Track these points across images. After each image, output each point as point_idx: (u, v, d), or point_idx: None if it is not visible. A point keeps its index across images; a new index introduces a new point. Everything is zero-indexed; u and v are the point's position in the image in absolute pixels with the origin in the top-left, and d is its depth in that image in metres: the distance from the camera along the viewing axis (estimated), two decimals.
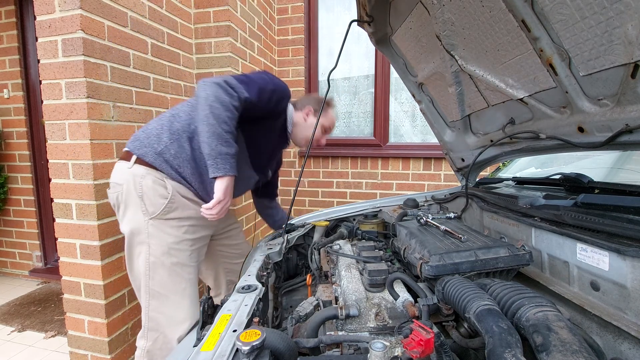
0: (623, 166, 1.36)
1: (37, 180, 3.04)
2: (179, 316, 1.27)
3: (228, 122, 1.17)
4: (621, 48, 0.68)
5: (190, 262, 1.32)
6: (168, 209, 1.25)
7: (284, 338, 0.64)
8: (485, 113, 1.24)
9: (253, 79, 1.29)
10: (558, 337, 0.54)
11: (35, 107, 2.95)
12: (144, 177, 1.22)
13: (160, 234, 1.24)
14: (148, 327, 1.28)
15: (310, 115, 1.54)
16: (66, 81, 1.52)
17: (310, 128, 1.51)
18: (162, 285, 1.26)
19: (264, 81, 1.31)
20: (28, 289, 2.93)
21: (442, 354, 0.62)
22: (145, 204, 1.23)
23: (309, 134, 1.51)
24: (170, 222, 1.26)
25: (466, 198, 1.34)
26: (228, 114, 1.17)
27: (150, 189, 1.22)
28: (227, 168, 1.18)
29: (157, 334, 1.28)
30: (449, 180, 2.93)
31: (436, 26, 1.08)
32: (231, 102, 1.18)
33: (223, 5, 2.27)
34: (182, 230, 1.28)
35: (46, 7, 1.49)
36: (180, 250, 1.28)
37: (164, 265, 1.25)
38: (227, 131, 1.17)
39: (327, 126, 1.58)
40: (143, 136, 1.28)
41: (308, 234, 1.54)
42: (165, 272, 1.26)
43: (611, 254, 0.72)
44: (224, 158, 1.17)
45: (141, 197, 1.22)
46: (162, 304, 1.27)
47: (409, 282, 0.86)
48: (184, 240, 1.29)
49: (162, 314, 1.27)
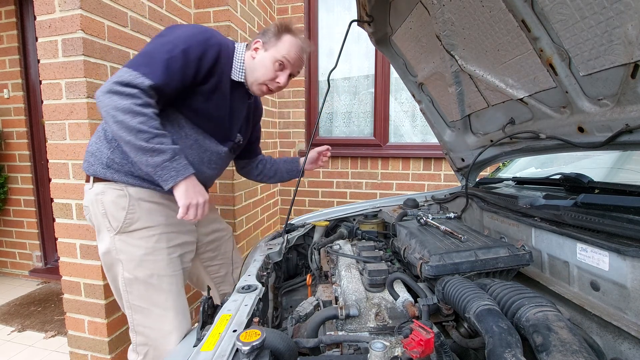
0: (623, 166, 1.36)
1: (37, 180, 3.04)
2: (165, 328, 1.20)
3: (144, 128, 1.00)
4: (621, 48, 0.68)
5: (169, 272, 1.21)
6: (130, 220, 1.15)
7: (284, 338, 0.64)
8: (485, 113, 1.24)
9: (153, 54, 1.05)
10: (558, 337, 0.54)
11: (35, 107, 2.95)
12: (103, 194, 1.15)
13: (128, 248, 1.16)
14: (136, 342, 1.23)
15: (260, 50, 1.25)
16: (66, 81, 1.52)
17: (260, 66, 1.23)
18: (142, 299, 1.19)
19: (169, 47, 1.06)
20: (28, 289, 2.93)
21: (442, 354, 0.62)
22: (109, 220, 1.15)
23: (260, 75, 1.24)
24: (137, 234, 1.16)
25: (466, 198, 1.34)
26: (138, 119, 0.99)
27: (110, 204, 1.14)
28: (174, 175, 1.06)
29: (147, 347, 1.22)
30: (449, 180, 2.93)
31: (436, 26, 1.08)
32: (134, 104, 0.99)
33: (223, 6, 2.27)
34: (152, 240, 1.17)
35: (46, 7, 1.49)
36: (155, 261, 1.18)
37: (139, 279, 1.17)
38: (149, 138, 1.01)
39: (281, 59, 1.23)
40: (88, 155, 1.19)
41: (308, 234, 1.54)
42: (142, 285, 1.18)
43: (611, 254, 0.72)
44: (163, 167, 1.04)
45: (104, 214, 1.15)
46: (146, 317, 1.20)
47: (409, 282, 0.86)
48: (157, 250, 1.18)
49: (147, 328, 1.20)
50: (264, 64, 1.23)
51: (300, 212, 2.72)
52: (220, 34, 1.21)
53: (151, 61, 1.04)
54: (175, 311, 1.21)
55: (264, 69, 1.23)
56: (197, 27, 1.16)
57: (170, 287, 1.21)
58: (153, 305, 1.19)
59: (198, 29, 1.15)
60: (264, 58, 1.23)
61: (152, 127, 1.02)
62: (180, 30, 1.12)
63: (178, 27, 1.15)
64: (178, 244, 1.26)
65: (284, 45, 1.23)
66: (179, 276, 1.26)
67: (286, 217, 1.48)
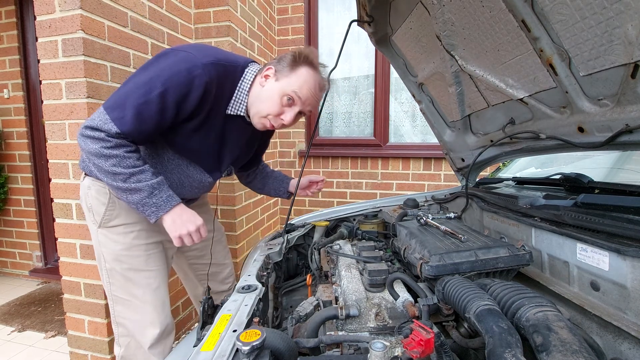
0: (623, 166, 1.36)
1: (37, 180, 3.04)
2: (144, 320, 1.22)
3: (117, 170, 0.97)
4: (621, 48, 0.68)
5: (147, 267, 1.22)
6: (109, 216, 1.17)
7: (284, 338, 0.64)
8: (485, 113, 1.24)
9: (128, 96, 0.97)
10: (558, 337, 0.54)
11: (36, 107, 2.95)
12: (90, 189, 1.17)
13: (108, 242, 1.18)
14: (118, 333, 1.26)
15: (271, 79, 1.11)
16: (66, 81, 1.52)
17: (266, 98, 1.10)
18: (122, 290, 1.21)
19: (146, 89, 0.97)
20: (28, 289, 2.93)
21: (442, 354, 0.62)
22: (94, 214, 1.18)
23: (264, 108, 1.11)
24: (116, 230, 1.18)
25: (466, 198, 1.34)
26: (110, 161, 0.97)
27: (94, 199, 1.16)
28: (154, 210, 1.03)
29: (128, 339, 1.25)
30: (449, 180, 2.93)
31: (436, 26, 1.08)
32: (104, 147, 0.96)
33: (223, 5, 2.27)
34: (130, 237, 1.18)
35: (46, 7, 1.49)
36: (132, 256, 1.19)
37: (116, 271, 1.19)
38: (125, 178, 0.99)
39: (290, 94, 1.09)
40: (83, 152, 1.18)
41: (308, 234, 1.54)
42: (121, 278, 1.20)
43: (611, 254, 0.72)
44: (144, 204, 1.02)
45: (90, 208, 1.18)
46: (126, 309, 1.22)
47: (409, 282, 0.86)
48: (134, 247, 1.19)
49: (127, 319, 1.23)
50: (271, 95, 1.10)
51: (300, 212, 2.72)
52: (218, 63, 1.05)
53: (123, 105, 0.96)
54: (153, 305, 1.22)
55: (270, 102, 1.10)
56: (186, 61, 1.00)
57: (148, 281, 1.22)
58: (132, 297, 1.21)
59: (185, 64, 0.99)
60: (272, 89, 1.10)
61: (126, 166, 0.98)
62: (165, 64, 1.00)
63: (165, 58, 1.02)
64: (158, 241, 1.25)
65: (297, 79, 1.09)
66: (159, 271, 1.26)
67: (286, 217, 1.48)
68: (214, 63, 1.03)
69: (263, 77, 1.12)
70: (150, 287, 1.22)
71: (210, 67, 1.02)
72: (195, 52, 1.03)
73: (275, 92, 1.09)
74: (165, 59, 1.02)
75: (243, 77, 1.13)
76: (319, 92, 1.16)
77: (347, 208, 1.69)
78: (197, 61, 1.00)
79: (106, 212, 1.16)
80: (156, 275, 1.24)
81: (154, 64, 1.02)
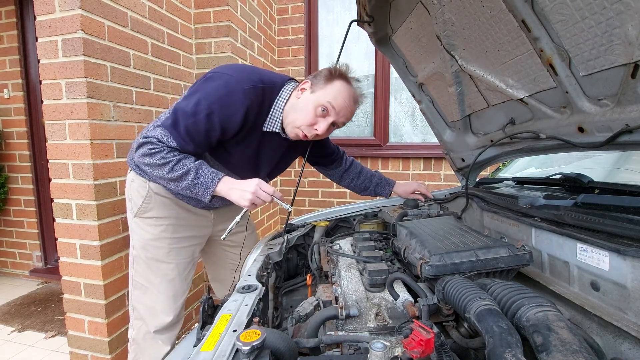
0: (623, 166, 1.36)
1: (37, 180, 3.04)
2: (157, 307, 1.34)
3: (165, 161, 1.07)
4: (621, 48, 0.68)
5: (168, 260, 1.34)
6: (144, 208, 1.30)
7: (284, 338, 0.64)
8: (486, 113, 1.24)
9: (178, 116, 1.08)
10: (558, 337, 0.54)
11: (36, 107, 2.95)
12: (133, 181, 1.31)
13: (139, 230, 1.32)
14: (133, 315, 1.38)
15: (306, 91, 1.16)
16: (66, 81, 1.52)
17: (301, 108, 1.15)
18: (142, 277, 1.34)
19: (194, 110, 1.06)
20: (28, 289, 2.93)
21: (443, 354, 0.62)
22: (132, 204, 1.32)
23: (298, 117, 1.15)
24: (148, 221, 1.31)
25: (466, 198, 1.34)
26: (159, 155, 1.07)
27: (134, 191, 1.30)
28: (205, 188, 1.09)
29: (141, 322, 1.36)
30: (449, 180, 2.93)
31: (436, 26, 1.08)
32: (162, 158, 1.07)
33: (223, 5, 2.27)
34: (159, 229, 1.31)
35: (46, 7, 1.49)
36: (157, 247, 1.32)
37: (141, 258, 1.33)
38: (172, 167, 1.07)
39: (325, 104, 1.13)
40: (131, 148, 1.29)
41: (308, 234, 1.54)
42: (144, 264, 1.33)
43: (611, 254, 0.72)
44: (194, 186, 1.09)
45: (130, 198, 1.33)
46: (143, 294, 1.35)
47: (409, 282, 0.86)
48: (161, 238, 1.32)
49: (142, 304, 1.35)
50: (305, 106, 1.14)
51: (300, 212, 2.72)
52: (257, 87, 1.12)
53: (175, 123, 1.08)
54: (167, 295, 1.35)
55: (304, 112, 1.14)
56: (227, 85, 1.08)
57: (166, 272, 1.34)
58: (150, 284, 1.34)
59: (229, 87, 1.07)
60: (307, 100, 1.14)
61: (172, 156, 1.08)
62: (211, 87, 1.08)
63: (212, 81, 1.10)
64: (184, 237, 1.37)
65: (332, 90, 1.14)
66: (178, 265, 1.37)
67: (286, 217, 1.48)
68: (254, 87, 1.11)
69: (299, 90, 1.18)
70: (167, 278, 1.34)
71: (250, 92, 1.10)
72: (237, 75, 1.11)
73: (310, 103, 1.15)
74: (212, 82, 1.10)
75: (279, 96, 1.19)
76: (353, 105, 1.20)
77: (347, 208, 1.69)
78: (238, 87, 1.09)
79: (143, 204, 1.29)
80: (174, 268, 1.36)
81: (200, 88, 1.11)
